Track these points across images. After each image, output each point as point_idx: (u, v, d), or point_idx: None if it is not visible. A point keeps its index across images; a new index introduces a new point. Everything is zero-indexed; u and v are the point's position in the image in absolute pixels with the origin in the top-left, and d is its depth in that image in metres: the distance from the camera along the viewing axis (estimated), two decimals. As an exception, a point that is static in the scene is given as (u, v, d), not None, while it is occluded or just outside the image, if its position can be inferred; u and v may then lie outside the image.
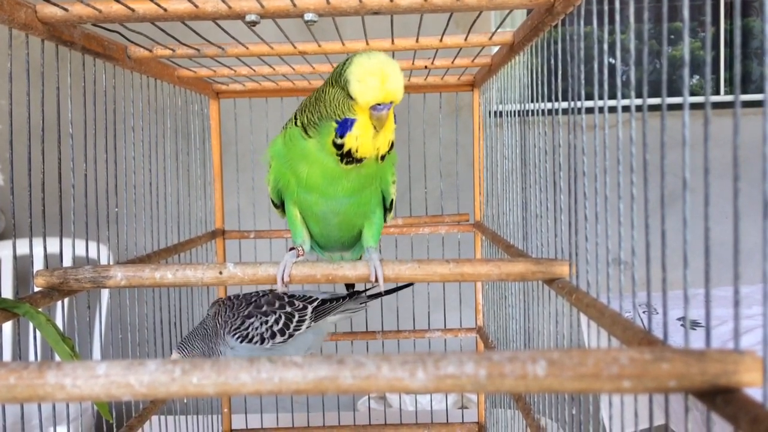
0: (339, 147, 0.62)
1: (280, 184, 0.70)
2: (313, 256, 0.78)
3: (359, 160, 0.63)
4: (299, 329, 0.92)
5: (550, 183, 0.67)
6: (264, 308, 0.91)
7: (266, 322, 0.90)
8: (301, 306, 0.94)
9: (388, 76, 0.59)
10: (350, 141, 0.62)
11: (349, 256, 0.80)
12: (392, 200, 0.72)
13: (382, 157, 0.64)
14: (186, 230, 1.01)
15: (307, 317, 0.93)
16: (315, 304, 0.95)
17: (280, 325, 0.91)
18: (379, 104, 0.60)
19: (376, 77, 0.59)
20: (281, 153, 0.69)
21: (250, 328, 0.89)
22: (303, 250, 0.73)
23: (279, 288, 0.62)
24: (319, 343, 0.99)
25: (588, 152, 0.53)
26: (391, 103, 0.60)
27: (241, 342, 0.88)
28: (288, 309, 0.93)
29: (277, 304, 0.92)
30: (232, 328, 0.89)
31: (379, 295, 1.02)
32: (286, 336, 0.91)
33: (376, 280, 0.62)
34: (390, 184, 0.70)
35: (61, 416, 0.76)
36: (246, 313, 0.90)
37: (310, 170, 0.66)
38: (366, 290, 1.02)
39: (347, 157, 0.63)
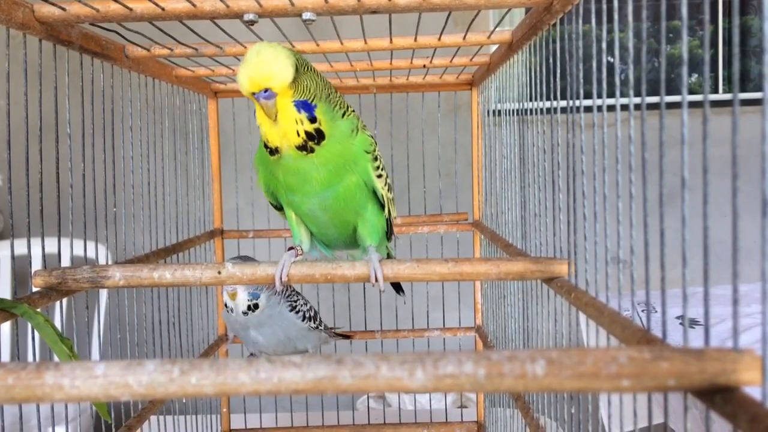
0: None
1: (271, 188, 0.71)
2: (313, 256, 0.78)
3: (276, 150, 0.63)
4: (320, 326, 1.02)
5: (549, 182, 0.67)
6: (301, 294, 1.01)
7: (306, 304, 1.00)
8: (316, 310, 1.04)
9: (252, 63, 0.59)
10: (261, 131, 0.63)
11: (359, 255, 0.80)
12: (384, 194, 0.71)
13: (302, 147, 0.62)
14: (184, 230, 1.01)
15: (322, 321, 1.03)
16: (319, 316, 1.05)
17: (312, 313, 1.00)
18: (254, 92, 0.60)
19: (244, 65, 0.60)
20: (260, 160, 0.69)
21: (298, 304, 0.97)
22: (301, 249, 0.73)
23: (277, 287, 0.62)
24: (317, 350, 1.05)
25: (587, 151, 0.53)
26: (267, 90, 0.59)
27: (290, 311, 0.96)
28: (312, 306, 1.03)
29: (304, 299, 1.02)
30: (287, 296, 0.96)
31: (342, 336, 1.12)
32: (315, 325, 1.00)
33: (376, 280, 0.62)
34: (372, 176, 0.68)
35: (59, 417, 0.76)
36: (293, 289, 0.99)
37: (281, 171, 0.66)
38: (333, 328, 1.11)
39: (267, 147, 0.63)
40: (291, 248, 0.70)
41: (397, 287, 0.96)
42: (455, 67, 1.00)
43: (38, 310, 0.57)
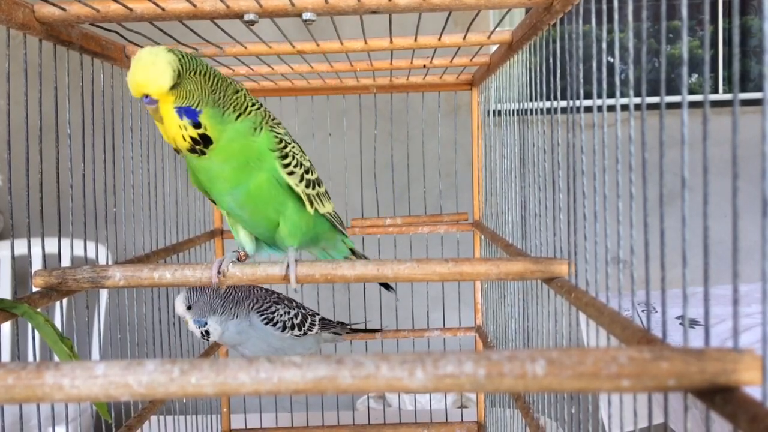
0: None
1: (200, 189, 0.71)
2: (263, 257, 0.76)
3: (178, 151, 0.64)
4: (311, 330, 0.99)
5: (549, 182, 0.67)
6: (285, 302, 0.98)
7: (288, 312, 0.97)
8: (311, 312, 1.02)
9: (132, 69, 0.60)
10: None
11: (317, 254, 0.81)
12: (301, 191, 0.69)
13: (192, 150, 0.63)
14: (184, 230, 1.01)
15: (316, 323, 1.01)
16: (319, 317, 1.03)
17: (299, 320, 0.97)
18: (138, 98, 0.61)
19: (129, 71, 0.60)
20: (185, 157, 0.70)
21: (276, 314, 0.95)
22: (245, 253, 0.73)
23: (213, 282, 0.62)
24: (316, 352, 1.04)
25: (587, 151, 0.53)
26: (147, 96, 0.60)
27: (266, 324, 0.94)
28: (303, 310, 1.00)
29: (294, 304, 1.00)
30: (261, 308, 0.94)
31: (360, 330, 1.11)
32: (301, 332, 0.97)
33: (290, 281, 0.62)
34: (282, 173, 0.68)
35: (59, 417, 0.76)
36: (274, 299, 0.96)
37: (193, 167, 0.67)
38: (349, 324, 1.11)
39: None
40: (235, 251, 0.70)
41: (386, 284, 0.96)
42: (455, 67, 1.00)
43: (38, 310, 0.57)
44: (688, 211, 0.35)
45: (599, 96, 0.50)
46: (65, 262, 0.68)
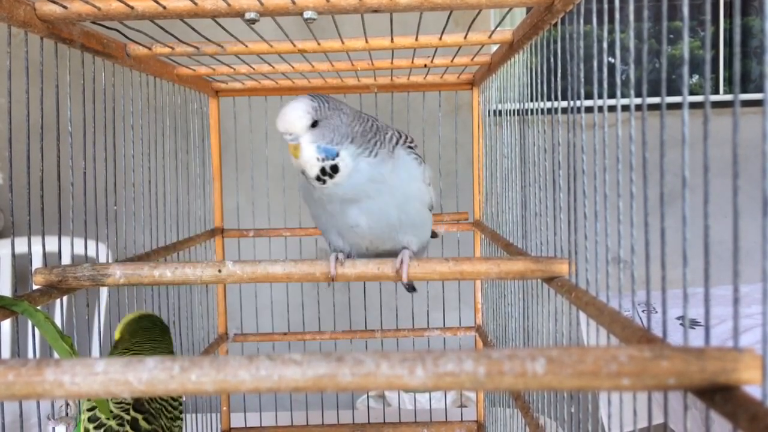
0: None
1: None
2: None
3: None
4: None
5: (550, 182, 0.67)
6: None
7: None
8: None
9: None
10: None
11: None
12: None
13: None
14: (185, 229, 1.01)
15: None
16: None
17: None
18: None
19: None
20: None
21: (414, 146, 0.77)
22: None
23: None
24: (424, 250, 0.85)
25: (587, 151, 0.53)
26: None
27: (420, 165, 0.74)
28: None
29: None
30: (411, 143, 0.75)
31: None
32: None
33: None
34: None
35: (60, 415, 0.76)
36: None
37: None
38: None
39: None
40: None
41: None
42: (456, 67, 1.00)
43: (39, 307, 0.57)
44: (689, 211, 0.35)
45: (600, 96, 0.50)
46: (66, 260, 0.68)
